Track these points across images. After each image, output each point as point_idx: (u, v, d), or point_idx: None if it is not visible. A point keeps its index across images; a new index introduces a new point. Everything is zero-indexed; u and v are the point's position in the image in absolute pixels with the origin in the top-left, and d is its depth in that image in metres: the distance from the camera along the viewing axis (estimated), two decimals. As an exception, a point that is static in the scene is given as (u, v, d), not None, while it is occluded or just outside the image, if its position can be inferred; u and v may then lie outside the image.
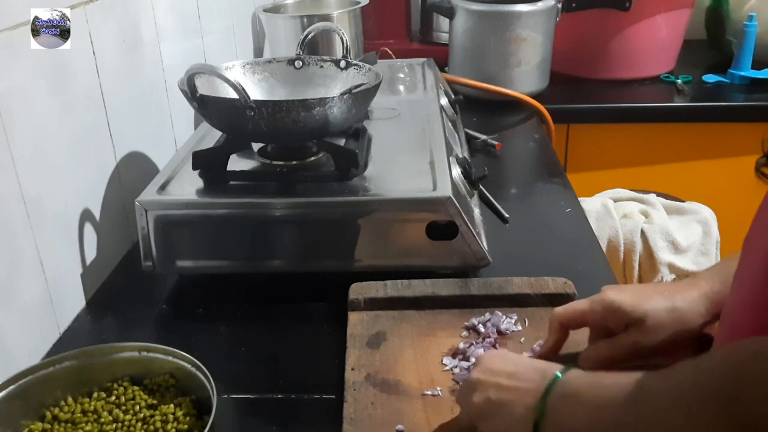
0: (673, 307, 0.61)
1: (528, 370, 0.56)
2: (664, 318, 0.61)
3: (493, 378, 0.57)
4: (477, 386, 0.58)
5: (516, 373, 0.56)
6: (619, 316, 0.62)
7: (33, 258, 0.77)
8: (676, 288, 0.64)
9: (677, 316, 0.61)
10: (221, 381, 0.63)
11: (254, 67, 1.03)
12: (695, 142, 1.60)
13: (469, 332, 0.76)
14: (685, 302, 0.62)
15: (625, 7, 1.61)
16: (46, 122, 0.79)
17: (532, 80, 1.57)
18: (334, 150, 0.90)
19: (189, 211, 0.85)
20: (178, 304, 0.88)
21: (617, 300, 0.63)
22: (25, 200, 0.75)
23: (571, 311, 0.65)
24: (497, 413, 0.55)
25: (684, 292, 0.63)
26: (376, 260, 0.86)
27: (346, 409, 0.65)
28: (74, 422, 0.63)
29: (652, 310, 0.61)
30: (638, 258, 1.33)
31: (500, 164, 1.28)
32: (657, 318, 0.61)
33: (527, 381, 0.55)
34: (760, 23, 1.61)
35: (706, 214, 1.38)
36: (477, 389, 0.57)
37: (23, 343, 0.75)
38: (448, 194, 0.82)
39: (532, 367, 0.57)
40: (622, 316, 0.62)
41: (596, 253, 0.95)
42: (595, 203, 1.37)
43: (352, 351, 0.73)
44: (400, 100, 1.20)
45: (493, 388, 0.56)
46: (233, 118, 0.84)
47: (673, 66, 1.77)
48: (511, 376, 0.56)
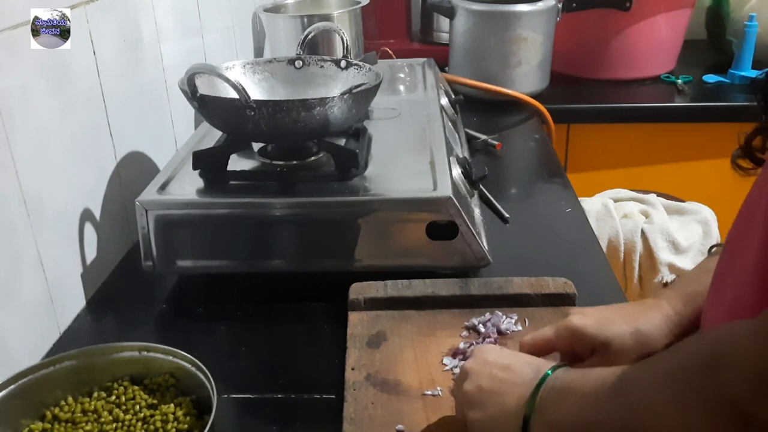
0: (636, 331, 0.62)
1: (522, 364, 0.57)
2: (628, 342, 0.62)
3: (487, 368, 0.58)
4: (470, 374, 0.58)
5: (510, 366, 0.57)
6: (584, 341, 0.63)
7: (33, 258, 0.77)
8: (639, 311, 0.64)
9: (641, 339, 0.62)
10: (221, 381, 0.63)
11: (254, 67, 1.03)
12: (695, 142, 1.60)
13: (469, 332, 0.76)
14: (648, 325, 0.62)
15: (625, 7, 1.61)
16: (46, 122, 0.79)
17: (532, 80, 1.57)
18: (334, 150, 0.90)
19: (189, 211, 0.85)
20: (178, 304, 0.88)
21: (581, 326, 0.63)
22: (25, 200, 0.75)
23: (538, 339, 0.66)
24: (487, 402, 0.56)
25: (647, 315, 0.63)
26: (376, 260, 0.86)
27: (346, 409, 0.65)
28: (74, 422, 0.63)
29: (616, 335, 0.62)
30: (638, 258, 1.33)
31: (500, 164, 1.28)
32: (621, 342, 0.62)
33: (520, 375, 0.56)
34: (760, 23, 1.61)
35: (706, 214, 1.39)
36: (469, 377, 0.58)
37: (23, 343, 0.75)
38: (449, 194, 0.82)
39: (526, 361, 0.58)
40: (588, 342, 0.63)
41: (596, 253, 0.95)
42: (595, 203, 1.37)
43: (352, 351, 0.73)
44: (400, 100, 1.20)
45: (486, 378, 0.57)
46: (233, 118, 0.84)
47: (673, 66, 1.77)
48: (505, 369, 0.57)
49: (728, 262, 0.54)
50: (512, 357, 0.59)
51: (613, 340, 0.61)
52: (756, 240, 0.48)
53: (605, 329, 0.62)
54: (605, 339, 0.62)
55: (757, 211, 0.48)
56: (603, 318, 0.63)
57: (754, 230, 0.48)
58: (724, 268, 0.55)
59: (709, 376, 0.41)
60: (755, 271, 0.48)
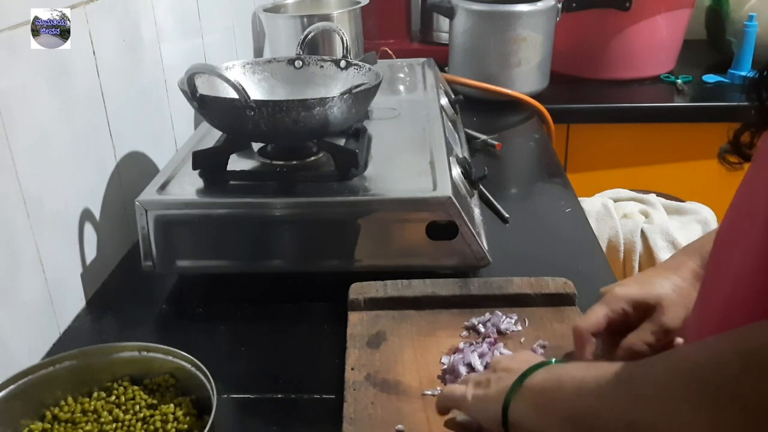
0: (677, 286, 0.64)
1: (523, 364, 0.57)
2: (675, 297, 0.63)
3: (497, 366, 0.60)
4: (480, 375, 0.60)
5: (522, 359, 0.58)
6: (639, 306, 0.64)
7: (33, 258, 0.77)
8: (670, 269, 0.66)
9: (683, 292, 0.63)
10: (221, 381, 0.63)
11: (254, 67, 1.03)
12: (695, 142, 1.60)
13: (469, 332, 0.76)
14: (683, 280, 0.64)
15: (625, 7, 1.61)
16: (46, 122, 0.79)
17: (532, 80, 1.57)
18: (334, 150, 0.90)
19: (189, 211, 0.85)
20: (178, 304, 0.88)
21: (630, 293, 0.64)
22: (25, 200, 0.75)
23: (594, 319, 0.65)
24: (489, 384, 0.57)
25: (679, 272, 0.65)
26: (376, 260, 0.86)
27: (346, 409, 0.65)
28: (74, 422, 0.63)
29: (663, 291, 0.63)
30: (638, 258, 1.33)
31: (500, 164, 1.28)
32: (670, 298, 0.63)
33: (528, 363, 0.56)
34: (760, 23, 1.61)
35: (706, 214, 1.38)
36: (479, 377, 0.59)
37: (23, 343, 0.75)
38: (448, 194, 0.82)
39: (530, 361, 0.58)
40: (642, 305, 0.64)
41: (596, 253, 0.95)
42: (595, 203, 1.37)
43: (352, 351, 0.73)
44: (400, 100, 1.20)
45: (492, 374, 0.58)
46: (233, 118, 0.84)
47: (673, 66, 1.77)
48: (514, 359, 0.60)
49: (722, 258, 0.54)
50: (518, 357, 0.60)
51: (663, 298, 0.63)
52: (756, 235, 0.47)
53: (651, 290, 0.64)
54: (657, 297, 0.63)
55: (756, 207, 0.48)
56: (642, 281, 0.65)
57: (754, 226, 0.48)
58: (717, 264, 0.55)
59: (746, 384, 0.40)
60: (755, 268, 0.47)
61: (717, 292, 0.53)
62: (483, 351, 0.71)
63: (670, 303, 0.63)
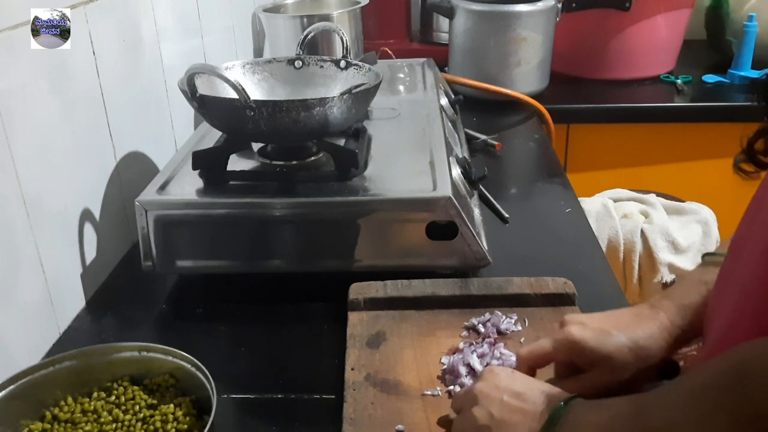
0: (635, 345, 0.60)
1: (535, 393, 0.55)
2: (628, 356, 0.60)
3: (498, 394, 0.56)
4: (479, 399, 0.57)
5: (523, 394, 0.56)
6: (585, 355, 0.61)
7: (33, 258, 0.77)
8: (636, 321, 0.62)
9: (640, 353, 0.60)
10: (221, 381, 0.63)
11: (254, 67, 1.03)
12: (695, 142, 1.60)
13: (469, 332, 0.76)
14: (646, 338, 0.61)
15: (625, 7, 1.61)
16: (46, 122, 0.79)
17: (532, 80, 1.57)
18: (334, 150, 0.90)
19: (189, 211, 0.85)
20: (178, 304, 0.88)
21: (581, 339, 0.61)
22: (25, 200, 0.75)
23: (536, 352, 0.64)
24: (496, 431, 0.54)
25: (644, 327, 0.61)
26: (376, 260, 0.86)
27: (346, 409, 0.65)
28: (74, 422, 0.63)
29: (616, 349, 0.60)
30: (638, 258, 1.33)
31: (500, 164, 1.28)
32: (621, 357, 0.60)
33: (533, 404, 0.54)
34: (760, 23, 1.61)
35: (706, 214, 1.39)
36: (479, 402, 0.56)
37: (23, 343, 0.75)
38: (448, 194, 0.82)
39: (539, 390, 0.56)
40: (588, 356, 0.61)
41: (596, 253, 0.95)
42: (595, 203, 1.37)
43: (352, 351, 0.73)
44: (400, 100, 1.20)
45: (497, 405, 0.55)
46: (233, 118, 0.84)
47: (673, 66, 1.77)
48: (517, 396, 0.55)
49: (732, 267, 0.54)
50: (525, 384, 0.57)
51: (614, 355, 0.60)
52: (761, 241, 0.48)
53: (605, 343, 0.60)
54: (607, 353, 0.60)
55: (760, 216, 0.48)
56: (601, 330, 0.61)
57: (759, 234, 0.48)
58: (728, 271, 0.55)
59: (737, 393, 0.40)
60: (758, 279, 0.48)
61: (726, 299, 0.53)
62: (483, 351, 0.71)
63: (620, 363, 0.60)
